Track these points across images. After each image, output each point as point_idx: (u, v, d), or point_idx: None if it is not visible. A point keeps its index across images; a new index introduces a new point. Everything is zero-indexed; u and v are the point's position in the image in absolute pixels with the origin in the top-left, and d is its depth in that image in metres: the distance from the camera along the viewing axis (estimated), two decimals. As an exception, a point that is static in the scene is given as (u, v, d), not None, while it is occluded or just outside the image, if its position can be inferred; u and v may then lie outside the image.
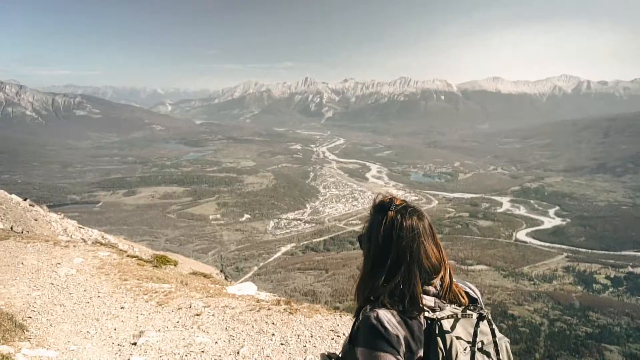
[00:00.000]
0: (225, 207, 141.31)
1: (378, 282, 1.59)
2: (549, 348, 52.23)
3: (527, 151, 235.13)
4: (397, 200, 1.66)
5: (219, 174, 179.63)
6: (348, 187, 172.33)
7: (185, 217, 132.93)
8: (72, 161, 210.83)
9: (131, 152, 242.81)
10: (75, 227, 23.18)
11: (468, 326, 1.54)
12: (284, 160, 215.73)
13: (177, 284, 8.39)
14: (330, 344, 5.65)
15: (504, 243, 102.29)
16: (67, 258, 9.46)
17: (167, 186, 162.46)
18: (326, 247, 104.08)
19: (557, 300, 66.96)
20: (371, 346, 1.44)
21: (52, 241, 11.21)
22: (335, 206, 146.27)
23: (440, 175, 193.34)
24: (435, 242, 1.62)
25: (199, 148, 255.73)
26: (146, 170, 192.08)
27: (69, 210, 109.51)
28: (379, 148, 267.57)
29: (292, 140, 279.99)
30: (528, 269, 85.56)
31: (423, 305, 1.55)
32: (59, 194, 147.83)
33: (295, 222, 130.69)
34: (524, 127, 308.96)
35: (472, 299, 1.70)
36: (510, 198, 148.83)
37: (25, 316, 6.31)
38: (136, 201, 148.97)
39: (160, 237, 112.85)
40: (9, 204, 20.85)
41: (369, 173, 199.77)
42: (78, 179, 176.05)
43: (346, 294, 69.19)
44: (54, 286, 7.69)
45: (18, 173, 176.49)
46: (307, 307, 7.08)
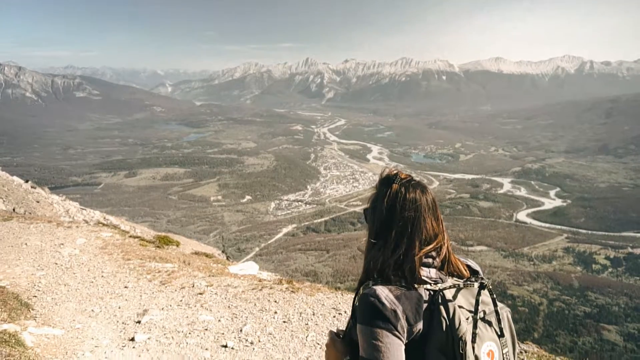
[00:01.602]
0: (226, 188, 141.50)
1: (380, 254, 1.61)
2: (548, 327, 52.77)
3: (529, 132, 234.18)
4: (402, 174, 1.69)
5: (220, 155, 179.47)
6: (349, 168, 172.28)
7: (187, 199, 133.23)
8: (72, 143, 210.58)
9: (132, 133, 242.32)
10: (77, 209, 23.27)
11: (469, 296, 1.57)
12: (284, 142, 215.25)
13: (179, 263, 8.46)
14: (332, 321, 5.73)
15: (505, 224, 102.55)
16: (70, 239, 9.53)
17: (168, 168, 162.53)
18: (327, 228, 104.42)
19: (556, 281, 67.46)
20: (369, 323, 1.47)
21: (55, 222, 11.28)
22: (336, 187, 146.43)
23: (441, 156, 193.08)
24: (436, 216, 1.65)
25: (199, 129, 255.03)
26: (147, 152, 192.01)
27: (70, 192, 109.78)
28: (380, 129, 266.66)
29: (292, 121, 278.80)
30: (528, 249, 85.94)
31: (423, 277, 1.57)
32: (60, 175, 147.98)
33: (296, 203, 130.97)
34: (525, 108, 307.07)
35: (473, 271, 1.73)
36: (511, 179, 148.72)
37: (31, 295, 6.39)
38: (137, 183, 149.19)
39: (162, 218, 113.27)
40: (11, 185, 20.91)
41: (370, 154, 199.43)
42: (79, 161, 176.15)
43: (347, 274, 69.72)
44: (57, 266, 7.76)
45: (19, 155, 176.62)
46: (309, 286, 7.15)
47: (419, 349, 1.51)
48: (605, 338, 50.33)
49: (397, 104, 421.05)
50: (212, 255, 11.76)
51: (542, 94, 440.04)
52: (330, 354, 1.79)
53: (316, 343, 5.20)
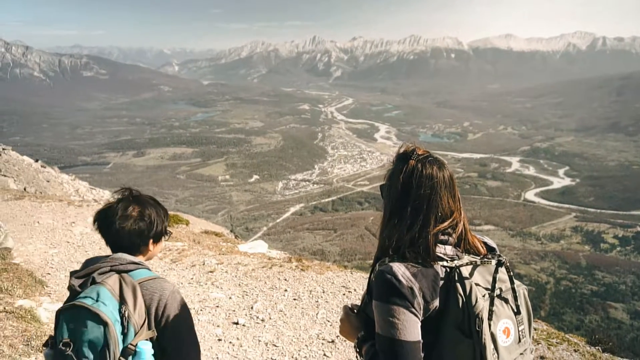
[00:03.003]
0: (234, 168, 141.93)
1: (395, 231, 1.60)
2: (555, 305, 53.01)
3: (538, 110, 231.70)
4: (419, 149, 1.65)
5: (227, 134, 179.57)
6: (356, 147, 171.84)
7: (195, 178, 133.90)
8: (81, 122, 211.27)
9: (139, 113, 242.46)
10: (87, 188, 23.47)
11: (486, 274, 1.55)
12: (292, 121, 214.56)
13: (189, 242, 8.54)
14: (341, 299, 5.78)
15: (513, 203, 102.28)
16: (81, 217, 9.62)
17: (176, 147, 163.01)
18: (334, 207, 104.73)
19: (564, 260, 67.45)
20: (386, 300, 1.46)
21: (66, 201, 11.38)
22: (343, 167, 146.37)
23: (449, 136, 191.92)
24: (453, 193, 1.63)
25: (207, 109, 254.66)
26: (155, 132, 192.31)
27: (79, 171, 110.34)
28: (387, 108, 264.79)
29: (300, 101, 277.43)
30: (536, 228, 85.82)
31: (439, 254, 1.55)
32: (69, 155, 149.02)
33: (304, 183, 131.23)
34: (535, 86, 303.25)
35: (490, 249, 1.72)
36: (519, 158, 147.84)
37: (44, 273, 6.48)
38: (146, 162, 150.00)
39: (171, 197, 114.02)
40: (22, 165, 21.08)
41: (378, 133, 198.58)
42: (88, 141, 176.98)
43: (354, 254, 70.10)
44: (69, 244, 7.86)
45: (28, 134, 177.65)
46: (318, 264, 7.20)
47: (435, 326, 1.50)
48: (612, 316, 50.47)
49: (405, 83, 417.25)
50: (222, 234, 11.85)
51: (552, 72, 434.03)
52: (344, 329, 1.79)
53: (326, 320, 5.25)
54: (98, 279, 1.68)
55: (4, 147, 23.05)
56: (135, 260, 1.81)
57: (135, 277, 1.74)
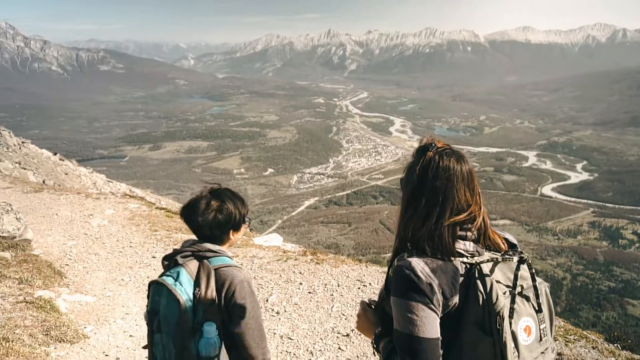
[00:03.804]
0: (249, 161, 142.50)
1: (411, 222, 1.59)
2: (571, 302, 52.50)
3: (556, 104, 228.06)
4: (439, 142, 1.63)
5: (243, 128, 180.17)
6: (371, 141, 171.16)
7: (210, 172, 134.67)
8: (98, 116, 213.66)
9: (155, 106, 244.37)
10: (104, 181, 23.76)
11: (507, 271, 1.51)
12: (307, 115, 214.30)
13: (205, 235, 8.58)
14: (356, 293, 5.77)
15: (529, 198, 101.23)
16: (99, 209, 9.73)
17: (191, 141, 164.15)
18: (349, 201, 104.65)
19: (580, 255, 66.71)
20: (404, 295, 1.44)
21: (84, 194, 11.52)
22: (358, 160, 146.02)
23: (465, 129, 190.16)
24: (471, 187, 1.58)
25: (222, 102, 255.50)
26: (171, 125, 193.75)
27: (96, 164, 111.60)
28: (403, 102, 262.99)
29: (315, 94, 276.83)
30: (552, 224, 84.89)
31: (459, 250, 1.53)
32: (86, 148, 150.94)
33: (319, 177, 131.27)
34: (553, 79, 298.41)
35: (511, 245, 1.68)
36: (536, 152, 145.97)
37: (63, 264, 6.58)
38: (161, 156, 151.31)
39: (186, 191, 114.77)
40: (40, 158, 21.40)
41: (393, 127, 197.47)
42: (104, 134, 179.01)
43: (369, 247, 70.09)
44: (87, 236, 7.96)
45: (47, 128, 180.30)
46: (333, 257, 7.20)
47: (455, 323, 1.48)
48: (630, 313, 49.85)
49: (421, 76, 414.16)
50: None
51: (571, 65, 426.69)
52: (362, 324, 1.78)
53: (341, 314, 5.25)
54: (180, 262, 1.91)
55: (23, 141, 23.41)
56: (214, 248, 2.00)
57: (212, 263, 1.93)
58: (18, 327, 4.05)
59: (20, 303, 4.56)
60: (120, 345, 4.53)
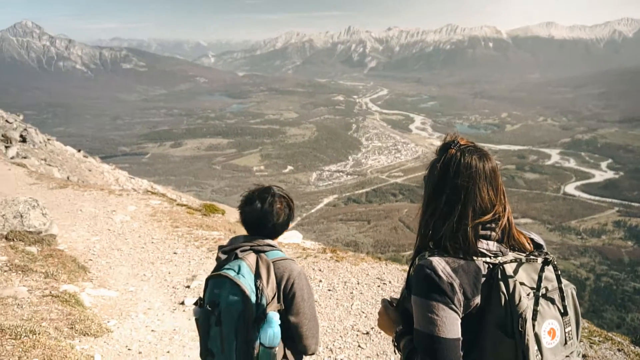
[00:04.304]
0: (268, 158, 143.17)
1: (431, 220, 1.58)
2: (594, 303, 51.57)
3: (580, 101, 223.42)
4: (462, 140, 1.60)
5: (262, 125, 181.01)
6: (391, 138, 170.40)
7: (230, 169, 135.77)
8: (120, 114, 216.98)
9: (176, 104, 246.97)
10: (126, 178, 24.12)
11: (532, 272, 1.47)
12: (326, 112, 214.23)
13: (225, 231, 8.65)
14: (376, 291, 5.75)
15: (551, 196, 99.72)
16: (121, 206, 9.89)
17: (212, 138, 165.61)
18: (368, 198, 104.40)
19: (605, 255, 65.50)
20: (425, 295, 1.43)
21: (107, 190, 11.71)
22: (377, 158, 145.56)
23: (486, 127, 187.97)
24: (495, 185, 1.55)
25: (242, 100, 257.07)
26: (191, 122, 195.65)
27: (119, 161, 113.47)
28: (423, 99, 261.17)
29: (334, 92, 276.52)
30: (576, 223, 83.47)
31: (482, 249, 1.49)
32: (109, 145, 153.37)
33: (338, 174, 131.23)
34: (577, 76, 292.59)
35: (537, 245, 1.63)
36: (559, 150, 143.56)
37: (87, 259, 6.70)
38: (182, 153, 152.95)
39: (207, 187, 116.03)
40: (65, 155, 21.82)
41: (413, 124, 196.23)
42: (127, 131, 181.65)
43: (388, 245, 69.84)
44: (110, 232, 8.10)
45: (71, 125, 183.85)
46: (353, 255, 7.18)
47: (476, 324, 1.46)
48: (656, 315, 48.76)
49: (442, 73, 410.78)
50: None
51: (596, 61, 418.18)
52: (383, 323, 1.78)
53: (361, 312, 5.24)
54: (240, 255, 2.00)
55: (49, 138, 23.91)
56: (271, 243, 2.11)
57: (269, 256, 2.03)
58: (44, 320, 4.14)
59: (47, 297, 4.66)
60: (143, 340, 4.60)
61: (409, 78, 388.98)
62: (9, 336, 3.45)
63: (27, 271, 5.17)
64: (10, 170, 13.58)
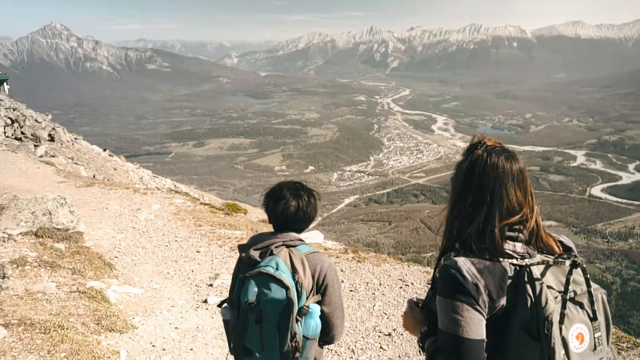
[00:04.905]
0: (290, 158, 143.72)
1: (457, 220, 1.57)
2: (621, 308, 50.41)
3: (607, 101, 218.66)
4: (489, 140, 1.59)
5: (284, 125, 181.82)
6: (413, 139, 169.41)
7: (252, 168, 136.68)
8: (145, 113, 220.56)
9: (199, 104, 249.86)
10: (150, 176, 24.47)
11: (560, 275, 1.45)
12: (347, 112, 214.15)
13: (247, 230, 8.70)
14: (398, 292, 5.71)
15: (577, 199, 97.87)
16: (146, 204, 10.02)
17: (234, 138, 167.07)
18: (389, 199, 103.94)
19: (632, 259, 63.99)
20: (449, 295, 1.43)
21: (132, 189, 11.89)
22: (399, 158, 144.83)
23: (510, 127, 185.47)
24: (523, 187, 1.54)
25: (264, 100, 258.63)
26: (214, 122, 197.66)
27: (143, 160, 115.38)
28: (445, 99, 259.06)
29: (356, 92, 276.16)
30: (602, 226, 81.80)
31: (508, 251, 1.47)
32: (134, 145, 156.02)
33: (359, 174, 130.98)
34: (605, 76, 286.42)
35: (566, 248, 1.59)
36: (585, 152, 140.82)
37: (112, 256, 6.81)
38: (205, 152, 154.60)
39: (229, 187, 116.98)
40: (91, 154, 22.24)
41: (435, 125, 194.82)
42: (151, 131, 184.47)
43: (409, 246, 69.40)
44: (135, 230, 8.21)
45: (97, 125, 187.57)
46: (375, 256, 7.15)
47: (501, 326, 1.44)
48: (686, 321, 47.41)
49: (465, 73, 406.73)
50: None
51: (624, 60, 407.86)
52: (408, 323, 1.78)
53: (383, 313, 5.22)
54: (275, 252, 2.01)
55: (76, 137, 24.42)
56: (300, 237, 2.15)
57: (300, 251, 2.07)
58: (72, 315, 4.23)
59: (74, 292, 4.76)
60: (167, 337, 4.66)
61: (432, 78, 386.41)
62: (38, 330, 3.53)
63: (56, 267, 5.28)
64: (40, 169, 13.90)
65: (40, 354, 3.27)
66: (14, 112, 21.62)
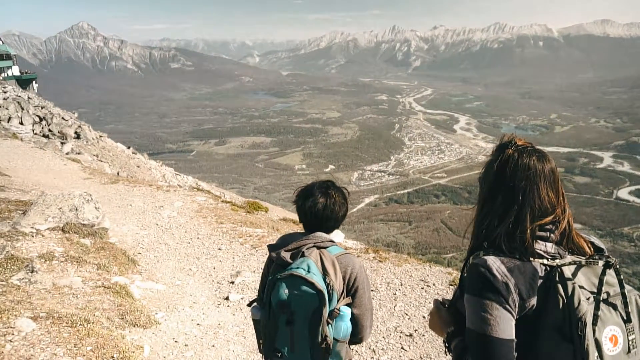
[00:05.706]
0: (310, 157, 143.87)
1: (486, 220, 1.54)
2: (648, 314, 49.20)
3: (636, 102, 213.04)
4: (519, 140, 1.58)
5: (305, 124, 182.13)
6: (434, 139, 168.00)
7: (272, 167, 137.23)
8: (168, 112, 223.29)
9: (222, 103, 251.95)
10: (172, 174, 24.77)
11: (592, 276, 1.43)
12: (369, 111, 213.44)
13: (268, 229, 8.74)
14: (420, 293, 5.67)
15: (603, 201, 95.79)
16: (168, 201, 10.15)
17: (255, 136, 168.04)
18: (410, 199, 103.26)
19: (661, 264, 62.43)
20: (478, 294, 1.41)
21: (155, 186, 12.05)
22: (420, 158, 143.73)
23: (534, 128, 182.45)
24: (555, 187, 1.52)
25: (285, 99, 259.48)
26: (236, 121, 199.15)
27: (166, 158, 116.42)
28: (468, 99, 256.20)
29: (377, 91, 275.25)
30: (629, 229, 79.92)
31: (539, 251, 1.46)
32: (157, 142, 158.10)
33: (379, 174, 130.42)
34: (634, 76, 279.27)
35: (597, 249, 1.57)
36: (612, 153, 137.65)
37: (136, 252, 6.91)
38: (226, 150, 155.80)
39: (249, 185, 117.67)
40: (116, 151, 22.60)
41: (457, 125, 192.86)
42: (174, 129, 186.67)
43: (429, 247, 68.85)
44: (158, 226, 8.32)
45: (121, 123, 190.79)
46: (396, 256, 7.11)
47: (532, 326, 1.42)
48: None
49: (488, 73, 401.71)
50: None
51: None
52: (434, 323, 1.77)
53: (404, 313, 5.18)
54: (306, 253, 1.99)
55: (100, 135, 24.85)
56: (331, 238, 2.12)
57: (331, 252, 2.04)
58: (97, 309, 4.30)
59: (99, 287, 4.84)
60: (189, 333, 4.71)
61: (455, 77, 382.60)
62: (65, 324, 3.60)
63: (81, 262, 5.37)
64: (66, 166, 14.19)
65: (67, 347, 3.33)
66: (42, 110, 22.12)
